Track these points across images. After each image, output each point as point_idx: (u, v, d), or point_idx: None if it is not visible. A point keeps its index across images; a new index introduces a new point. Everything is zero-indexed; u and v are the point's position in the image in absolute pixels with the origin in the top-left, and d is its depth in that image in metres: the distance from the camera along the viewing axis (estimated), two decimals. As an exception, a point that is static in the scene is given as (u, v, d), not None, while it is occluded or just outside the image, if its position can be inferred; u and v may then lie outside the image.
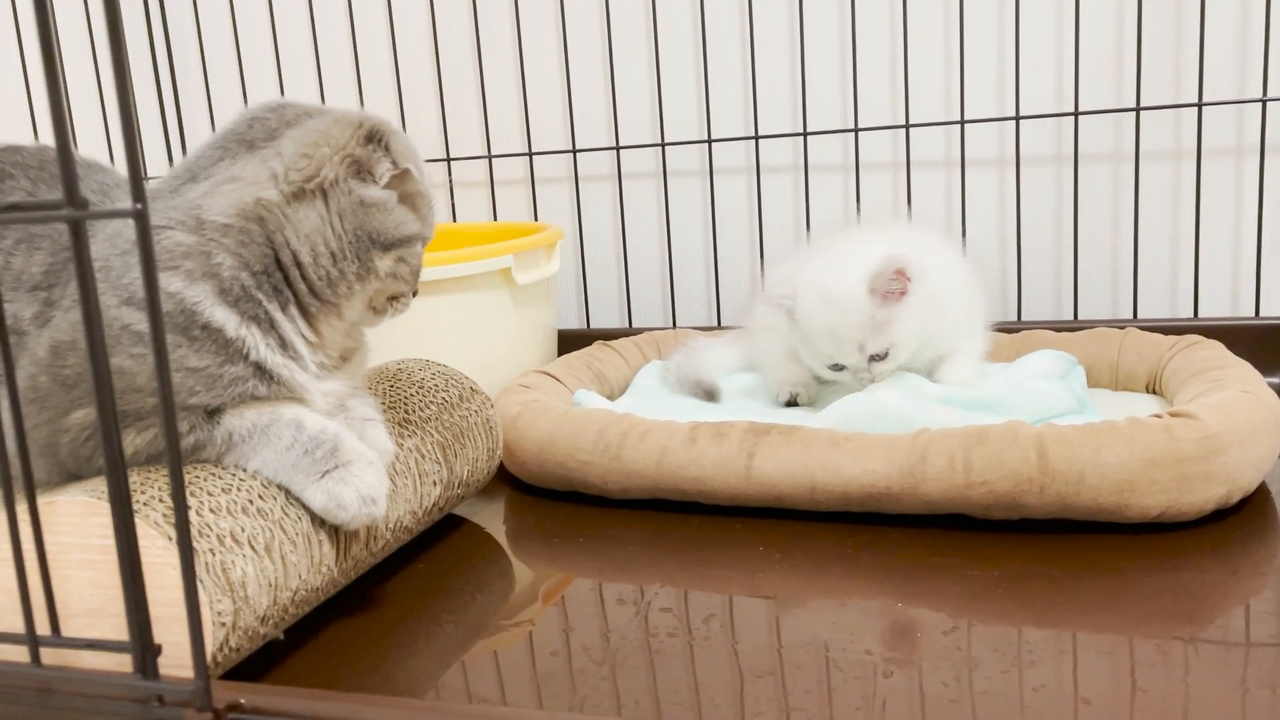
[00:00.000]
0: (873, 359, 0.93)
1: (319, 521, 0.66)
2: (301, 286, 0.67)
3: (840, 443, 0.81)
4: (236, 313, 0.64)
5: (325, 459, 0.65)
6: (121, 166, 0.91)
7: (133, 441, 0.63)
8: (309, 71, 1.50)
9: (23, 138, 0.87)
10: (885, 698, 0.56)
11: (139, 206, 0.40)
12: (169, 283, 0.63)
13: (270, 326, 0.66)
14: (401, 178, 0.68)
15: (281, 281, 0.66)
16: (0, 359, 0.49)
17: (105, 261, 0.64)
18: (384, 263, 0.69)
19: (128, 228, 0.65)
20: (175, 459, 0.45)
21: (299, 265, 0.66)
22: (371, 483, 0.66)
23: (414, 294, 0.74)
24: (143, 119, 1.54)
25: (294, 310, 0.67)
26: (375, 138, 0.67)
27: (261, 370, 0.65)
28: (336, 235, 0.66)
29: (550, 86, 1.42)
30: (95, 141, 1.48)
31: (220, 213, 0.64)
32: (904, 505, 0.79)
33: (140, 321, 0.63)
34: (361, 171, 0.67)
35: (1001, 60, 1.24)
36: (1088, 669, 0.58)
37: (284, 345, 0.67)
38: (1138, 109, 1.18)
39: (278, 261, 0.66)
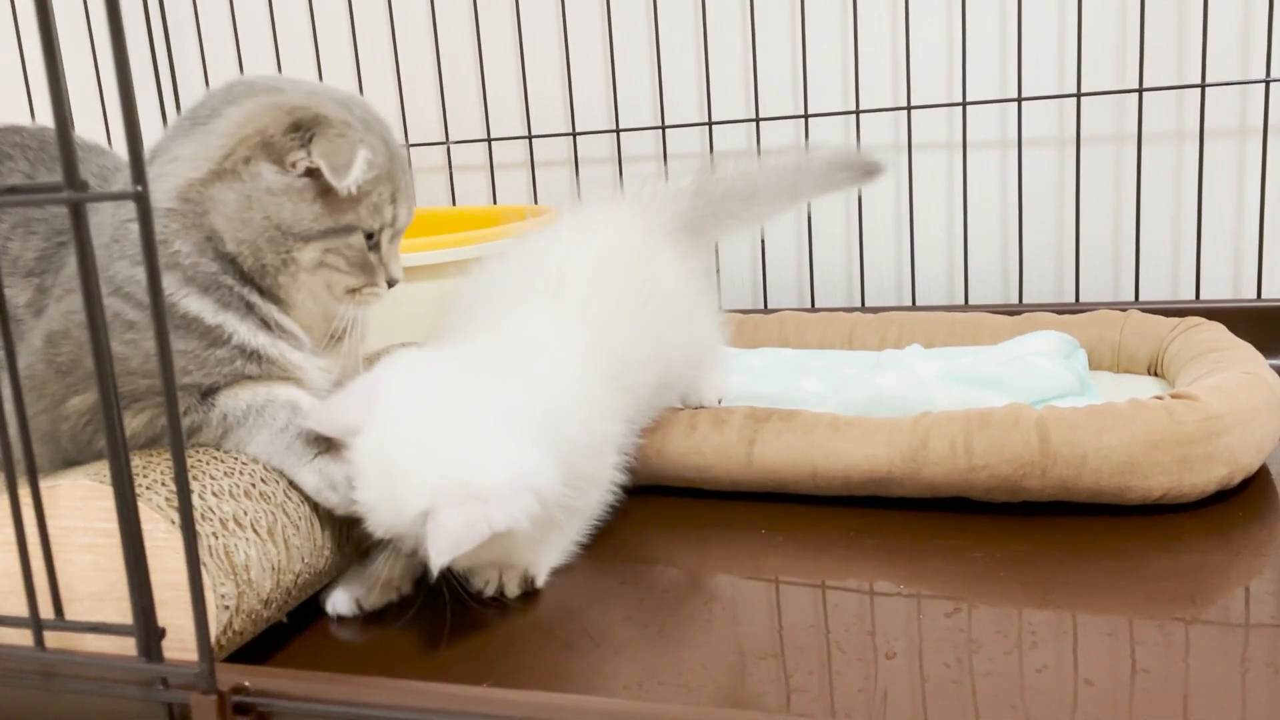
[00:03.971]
0: None
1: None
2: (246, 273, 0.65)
3: (841, 427, 0.81)
4: (210, 300, 0.64)
5: (319, 440, 0.65)
6: (121, 150, 0.91)
7: (130, 424, 0.63)
8: (307, 52, 1.49)
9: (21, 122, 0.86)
10: (887, 679, 0.56)
11: (139, 189, 0.40)
12: (138, 274, 0.63)
13: (248, 310, 0.65)
14: (320, 171, 0.64)
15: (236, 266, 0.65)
16: (1, 346, 0.49)
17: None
18: (306, 254, 0.65)
19: (109, 218, 0.65)
20: (177, 442, 0.45)
21: (230, 252, 0.64)
22: None
23: (389, 284, 0.70)
24: (140, 102, 1.53)
25: (259, 294, 0.66)
26: (301, 127, 0.63)
27: (248, 351, 0.65)
28: (247, 222, 0.64)
29: (550, 69, 1.41)
30: (94, 129, 1.47)
31: (164, 196, 0.63)
32: (906, 489, 0.79)
33: (128, 311, 0.63)
34: (273, 156, 0.63)
35: (1003, 42, 1.24)
36: (1090, 650, 0.58)
37: (268, 325, 0.66)
38: (1140, 90, 1.18)
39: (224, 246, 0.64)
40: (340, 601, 0.68)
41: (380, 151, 0.67)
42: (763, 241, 1.35)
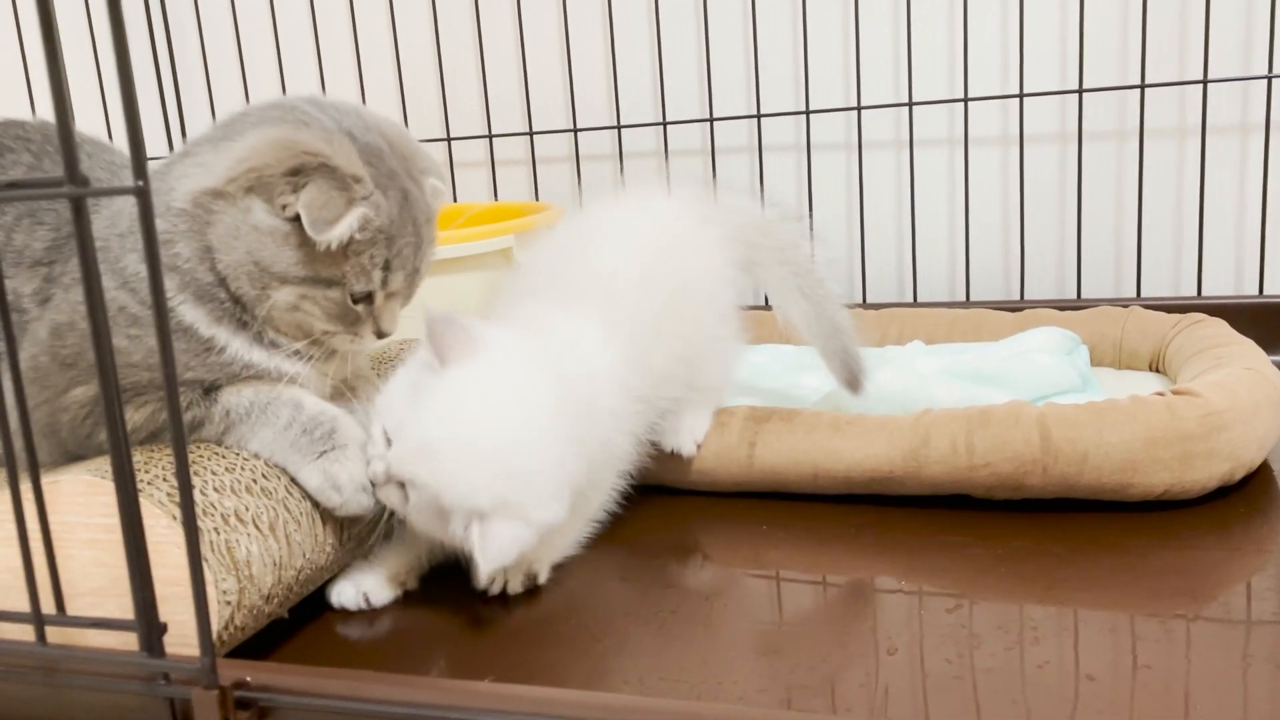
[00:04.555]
0: None
1: (322, 501, 0.66)
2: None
3: (842, 427, 0.81)
4: (205, 311, 0.64)
5: (323, 440, 0.65)
6: (122, 144, 0.91)
7: (131, 418, 0.63)
8: (308, 47, 1.49)
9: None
10: (889, 675, 0.56)
11: (141, 183, 0.40)
12: (141, 270, 0.62)
13: (242, 326, 0.65)
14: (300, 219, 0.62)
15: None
16: (3, 339, 0.49)
17: (105, 242, 0.63)
18: (281, 295, 0.64)
19: (127, 208, 0.65)
20: (179, 437, 0.45)
21: (220, 271, 0.63)
22: (365, 471, 0.66)
23: (378, 335, 0.68)
24: (140, 96, 1.53)
25: (249, 313, 0.65)
26: (301, 172, 0.61)
27: (243, 364, 0.65)
28: (232, 249, 0.63)
29: (551, 65, 1.41)
30: (95, 124, 1.47)
31: (181, 196, 0.63)
32: (907, 488, 0.78)
33: (134, 305, 0.63)
34: (265, 195, 0.62)
35: (1005, 37, 1.23)
36: (1091, 646, 0.58)
37: (262, 341, 0.65)
38: (1142, 86, 1.17)
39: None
40: (346, 594, 0.68)
41: (388, 212, 0.64)
42: (764, 238, 1.35)
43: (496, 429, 0.65)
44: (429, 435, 0.63)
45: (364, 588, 0.68)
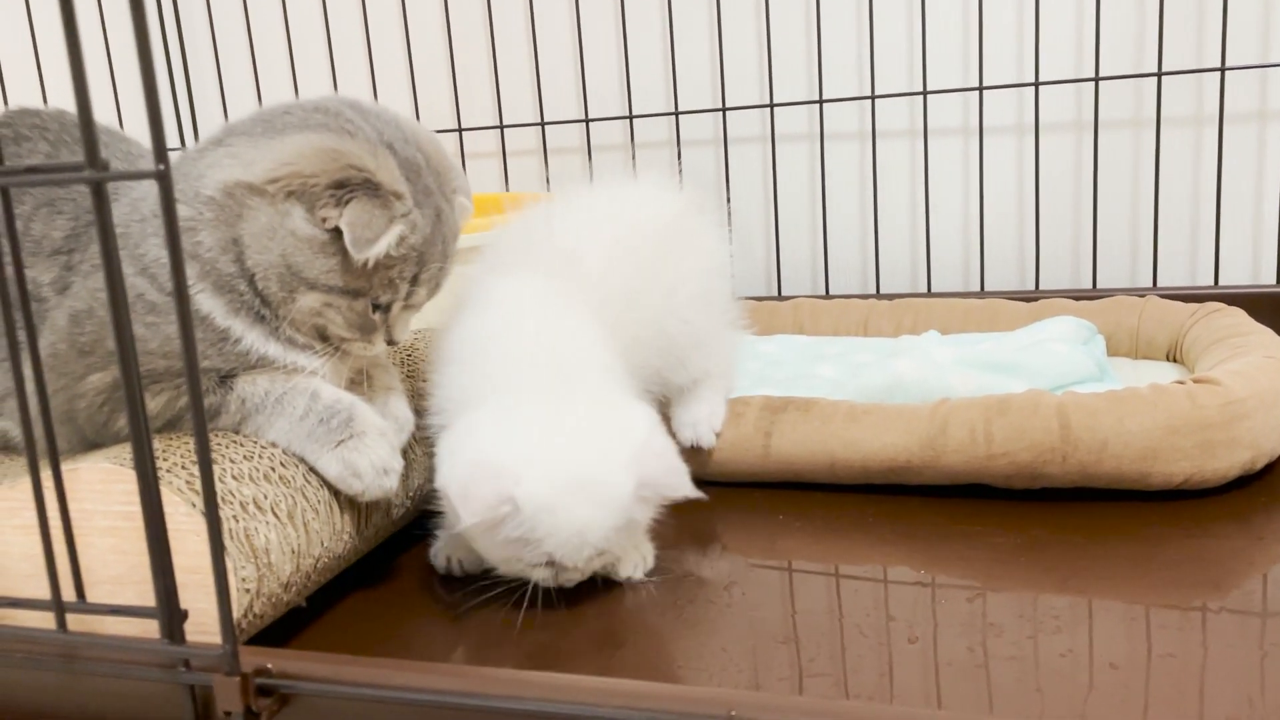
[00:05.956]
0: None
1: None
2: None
3: (859, 416, 0.80)
4: (222, 301, 0.63)
5: (340, 428, 0.65)
6: (136, 135, 0.90)
7: (147, 405, 0.63)
8: (319, 37, 1.49)
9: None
10: (910, 664, 0.56)
11: (161, 167, 0.40)
12: (161, 257, 0.62)
13: (258, 319, 0.64)
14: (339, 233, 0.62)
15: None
16: (23, 329, 0.49)
17: (125, 228, 0.63)
18: (306, 300, 0.64)
19: (150, 194, 0.64)
20: (200, 425, 0.44)
21: (249, 266, 0.64)
22: (384, 455, 0.66)
23: (388, 343, 0.69)
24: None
25: (269, 308, 0.65)
26: (345, 185, 0.61)
27: (257, 356, 0.65)
28: (265, 249, 0.63)
29: (563, 56, 1.41)
30: (104, 116, 1.47)
31: (210, 184, 0.63)
32: (925, 477, 0.78)
33: (151, 292, 0.63)
34: (307, 204, 0.62)
35: (1021, 25, 1.23)
36: (1111, 635, 0.57)
37: (278, 334, 0.65)
38: (1159, 74, 1.16)
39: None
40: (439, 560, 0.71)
41: (422, 230, 0.65)
42: (777, 228, 1.34)
43: (603, 491, 0.63)
44: (586, 537, 0.63)
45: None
